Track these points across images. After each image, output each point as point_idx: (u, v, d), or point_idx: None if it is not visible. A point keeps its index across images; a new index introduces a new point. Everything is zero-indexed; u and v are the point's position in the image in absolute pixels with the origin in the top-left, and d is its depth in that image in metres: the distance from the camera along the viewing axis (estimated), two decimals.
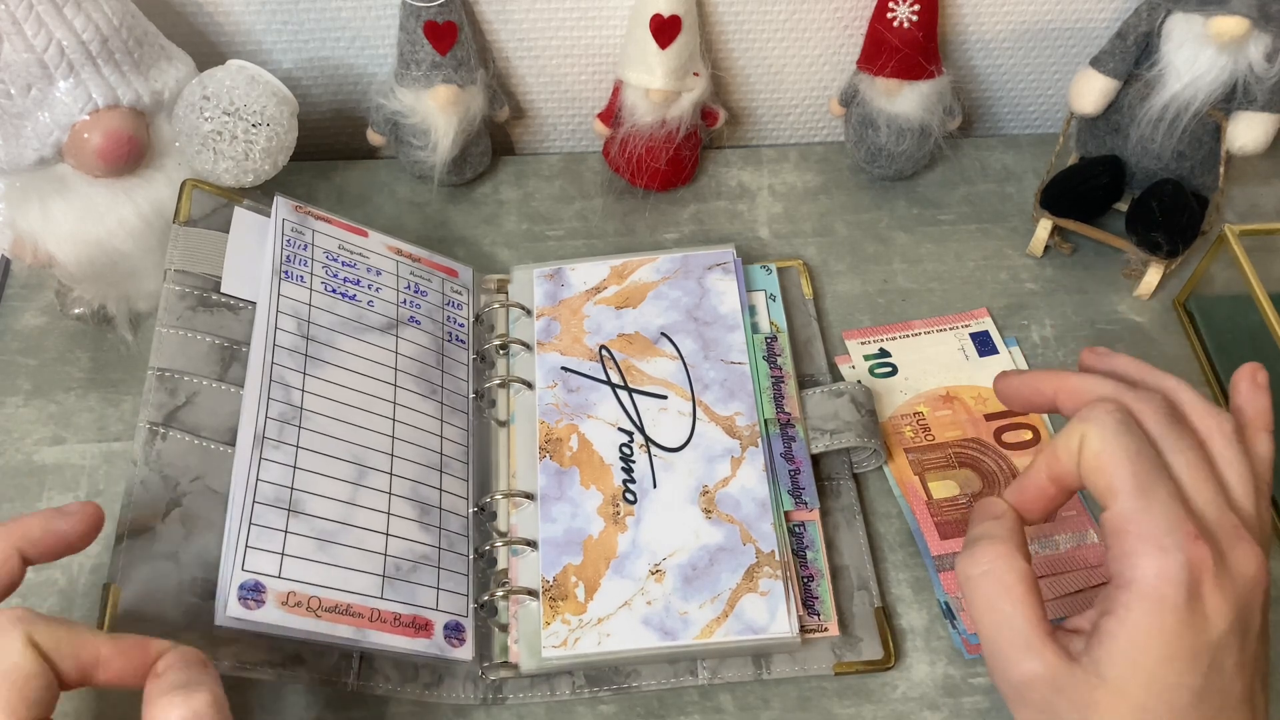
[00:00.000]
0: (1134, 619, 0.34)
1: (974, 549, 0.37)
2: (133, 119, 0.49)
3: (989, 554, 0.37)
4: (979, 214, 0.62)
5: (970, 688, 0.46)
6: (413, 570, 0.45)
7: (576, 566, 0.46)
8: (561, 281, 0.54)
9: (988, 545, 0.37)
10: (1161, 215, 0.55)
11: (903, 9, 0.56)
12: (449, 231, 0.61)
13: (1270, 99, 0.53)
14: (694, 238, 0.61)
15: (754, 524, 0.47)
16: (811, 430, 0.50)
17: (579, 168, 0.64)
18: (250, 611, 0.40)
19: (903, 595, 0.49)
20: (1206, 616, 0.34)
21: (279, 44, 0.60)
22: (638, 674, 0.46)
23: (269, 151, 0.50)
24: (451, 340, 0.52)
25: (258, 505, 0.42)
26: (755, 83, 0.65)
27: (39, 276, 0.56)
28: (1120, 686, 0.34)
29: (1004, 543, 0.37)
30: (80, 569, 0.48)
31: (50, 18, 0.46)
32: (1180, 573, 0.34)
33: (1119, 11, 0.62)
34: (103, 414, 0.53)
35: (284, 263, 0.48)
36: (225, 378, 0.46)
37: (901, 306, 0.58)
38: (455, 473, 0.49)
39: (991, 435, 0.53)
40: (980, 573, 0.37)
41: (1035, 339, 0.57)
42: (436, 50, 0.56)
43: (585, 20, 0.60)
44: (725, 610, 0.45)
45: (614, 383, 0.51)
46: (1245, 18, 0.51)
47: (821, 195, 0.63)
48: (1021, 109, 0.68)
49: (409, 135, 0.58)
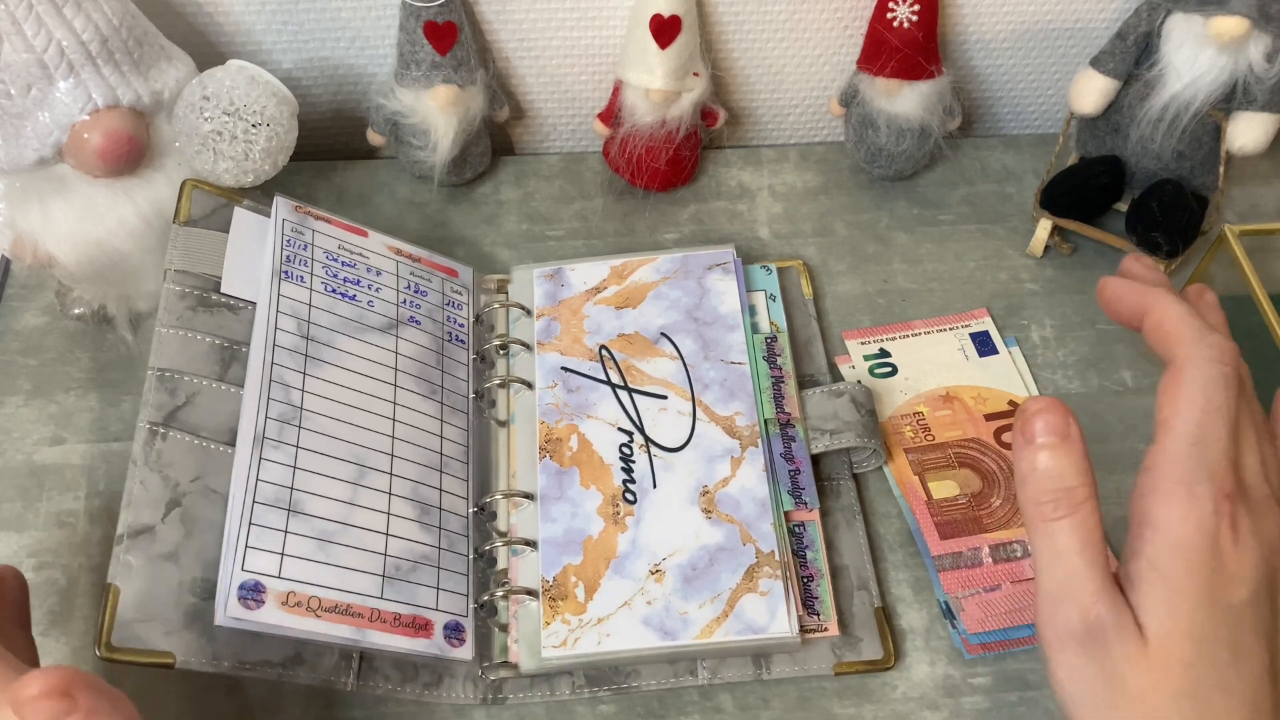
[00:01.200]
0: (1164, 561, 0.34)
1: (1059, 496, 0.36)
2: (133, 119, 0.49)
3: (1072, 500, 0.36)
4: (979, 214, 0.62)
5: (970, 688, 0.46)
6: (413, 570, 0.45)
7: (576, 566, 0.46)
8: (561, 281, 0.54)
9: (1074, 494, 0.36)
10: (1161, 215, 0.55)
11: (903, 9, 0.56)
12: (449, 231, 0.61)
13: (1270, 99, 0.53)
14: (694, 238, 0.61)
15: (754, 524, 0.47)
16: (811, 430, 0.50)
17: (579, 168, 0.64)
18: (250, 611, 0.40)
19: (903, 595, 0.49)
20: (1228, 570, 0.34)
21: (279, 44, 0.60)
22: (638, 674, 0.46)
23: (269, 151, 0.50)
24: (451, 340, 0.52)
25: (258, 505, 0.42)
26: (755, 83, 0.65)
27: (39, 276, 0.56)
28: (1165, 636, 0.34)
29: (1091, 499, 0.36)
30: (80, 569, 0.48)
31: (50, 18, 0.46)
32: (1206, 519, 0.34)
33: (1119, 11, 0.62)
34: (103, 414, 0.53)
35: (284, 263, 0.48)
36: (225, 378, 0.46)
37: (901, 306, 0.58)
38: (455, 473, 0.49)
39: (991, 435, 0.53)
40: (1061, 517, 0.36)
41: (1035, 339, 0.57)
42: (436, 50, 0.56)
43: (585, 20, 0.60)
44: (725, 610, 0.45)
45: (614, 383, 0.51)
46: (1245, 18, 0.51)
47: (821, 195, 0.63)
48: (1021, 109, 0.68)
49: (409, 135, 0.58)
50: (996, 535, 0.49)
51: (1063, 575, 0.35)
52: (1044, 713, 0.46)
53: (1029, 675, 0.46)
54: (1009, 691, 0.46)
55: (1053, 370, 0.55)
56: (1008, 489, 0.51)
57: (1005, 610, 0.47)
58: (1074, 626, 0.35)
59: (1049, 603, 0.36)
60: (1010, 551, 0.49)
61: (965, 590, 0.48)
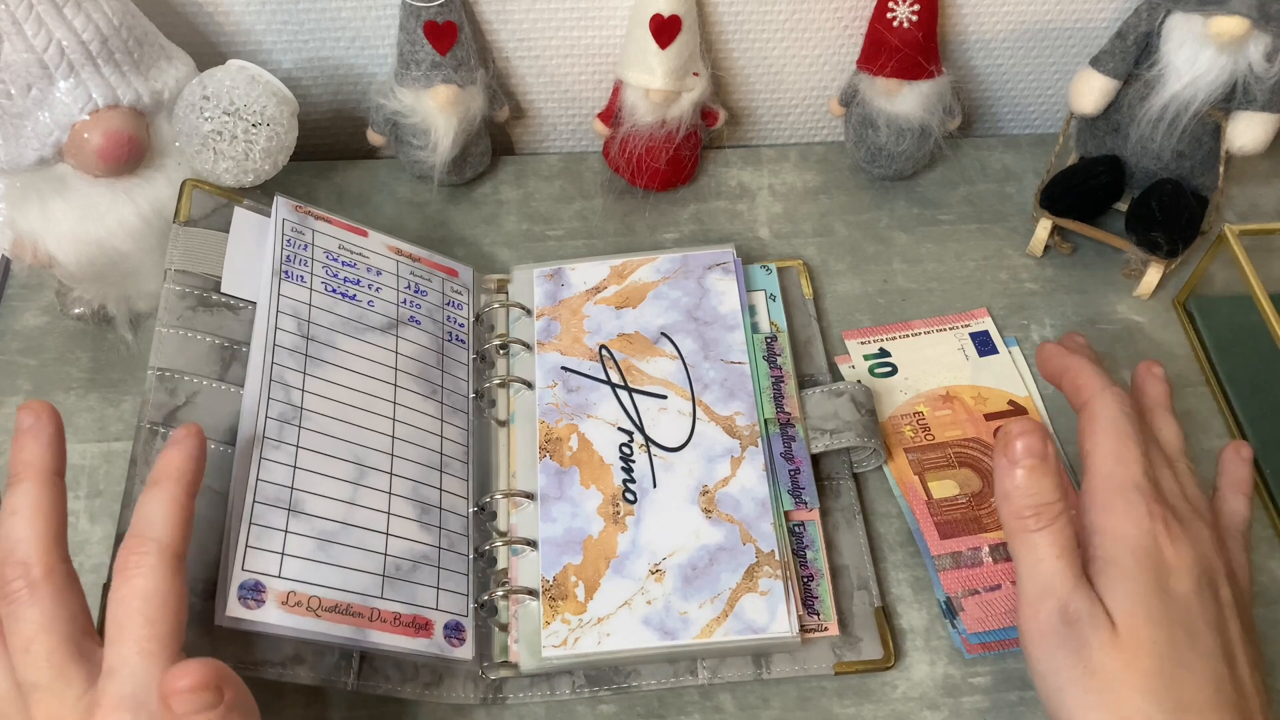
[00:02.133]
0: (1116, 556, 0.39)
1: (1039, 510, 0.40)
2: (133, 119, 0.49)
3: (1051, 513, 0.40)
4: (979, 214, 0.62)
5: (970, 687, 0.46)
6: (413, 570, 0.45)
7: (576, 566, 0.46)
8: (561, 281, 0.54)
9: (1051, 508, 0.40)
10: (1161, 215, 0.55)
11: (903, 9, 0.56)
12: (449, 231, 0.61)
13: (1270, 99, 0.53)
14: (694, 238, 0.61)
15: (754, 524, 0.47)
16: (811, 430, 0.50)
17: (579, 168, 0.64)
18: (250, 611, 0.40)
19: (903, 595, 0.49)
20: (1169, 563, 0.39)
21: (279, 44, 0.60)
22: (638, 674, 0.46)
23: (269, 151, 0.51)
24: (451, 340, 0.52)
25: (258, 505, 0.42)
26: (755, 83, 0.65)
27: (39, 276, 0.56)
28: (1130, 618, 0.38)
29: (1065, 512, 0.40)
30: (80, 569, 0.47)
31: (50, 18, 0.46)
32: (1144, 520, 0.39)
33: (1119, 11, 0.62)
34: (103, 414, 0.53)
35: (284, 263, 0.48)
36: (225, 378, 0.46)
37: (901, 306, 0.58)
38: (455, 472, 0.49)
39: (991, 435, 0.52)
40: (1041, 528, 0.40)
41: (1035, 339, 0.57)
42: (436, 50, 0.56)
43: (585, 20, 0.60)
44: (725, 610, 0.45)
45: (614, 382, 0.51)
46: (1245, 18, 0.51)
47: (821, 195, 0.63)
48: (1021, 109, 0.68)
49: (409, 135, 0.58)
50: (996, 535, 0.49)
51: (1042, 578, 0.39)
52: (1044, 713, 0.46)
53: (1029, 675, 0.46)
54: (1009, 691, 0.46)
55: None
56: None
57: (1005, 610, 0.47)
58: (1054, 621, 0.39)
59: (1031, 604, 0.40)
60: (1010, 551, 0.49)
61: (965, 590, 0.48)
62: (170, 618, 0.36)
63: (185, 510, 0.38)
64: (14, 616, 0.36)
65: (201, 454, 0.40)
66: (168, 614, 0.36)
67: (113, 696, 0.34)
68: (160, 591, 0.36)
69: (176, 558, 0.37)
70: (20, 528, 0.37)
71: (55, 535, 0.37)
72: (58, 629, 0.36)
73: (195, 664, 0.34)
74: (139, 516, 0.37)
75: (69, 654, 0.36)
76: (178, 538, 0.37)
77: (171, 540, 0.37)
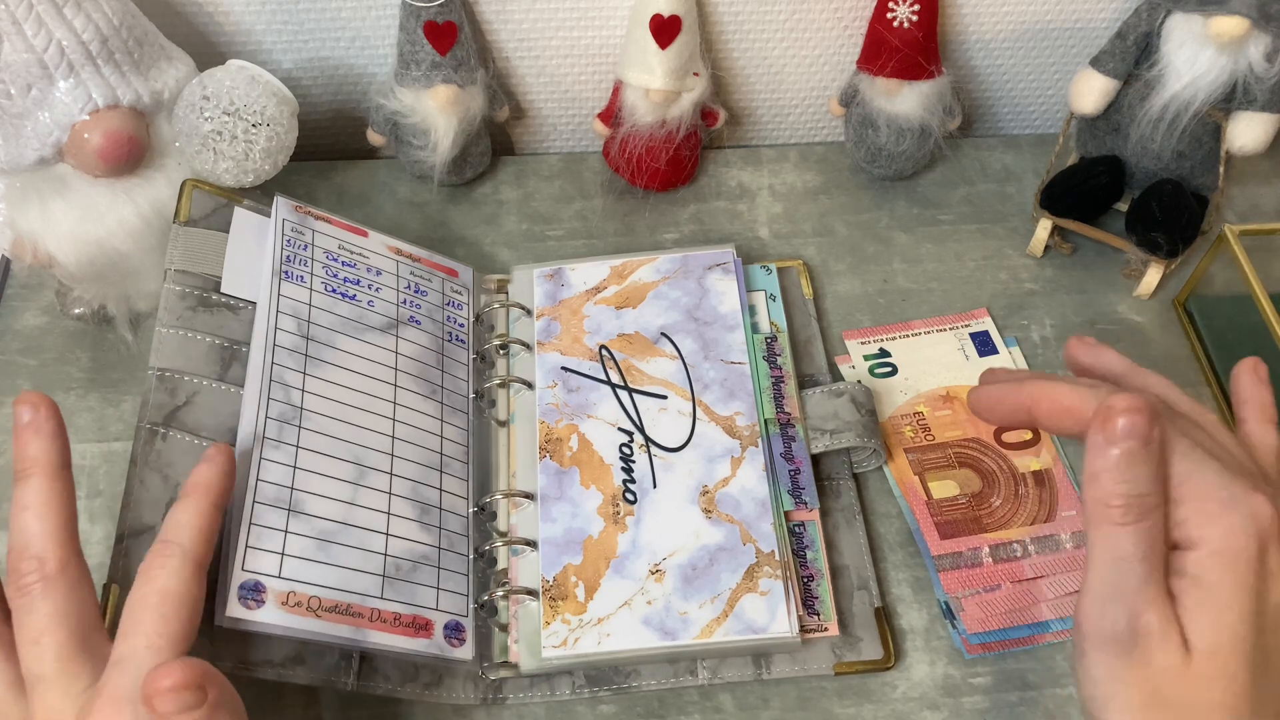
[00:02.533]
0: (1213, 579, 0.34)
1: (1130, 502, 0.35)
2: (133, 119, 0.49)
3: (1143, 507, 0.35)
4: (979, 214, 0.62)
5: (970, 688, 0.46)
6: (413, 570, 0.45)
7: (576, 566, 0.46)
8: (561, 281, 0.54)
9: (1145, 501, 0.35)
10: (1161, 215, 0.55)
11: (903, 9, 0.56)
12: (449, 231, 0.61)
13: (1270, 99, 0.53)
14: (694, 238, 0.61)
15: (754, 524, 0.47)
16: (811, 430, 0.50)
17: (579, 168, 0.64)
18: (250, 611, 0.40)
19: (903, 595, 0.49)
20: (1272, 572, 0.34)
21: (279, 44, 0.60)
22: (638, 674, 0.46)
23: (269, 151, 0.51)
24: (451, 340, 0.52)
25: (258, 505, 0.42)
26: (755, 83, 0.65)
27: (39, 276, 0.56)
28: (1210, 651, 0.34)
29: (1160, 507, 0.35)
30: None
31: (50, 18, 0.46)
32: (1248, 524, 0.34)
33: (1119, 11, 0.62)
34: (103, 414, 0.53)
35: (284, 263, 0.48)
36: (225, 378, 0.46)
37: (901, 306, 0.58)
38: (455, 473, 0.49)
39: (991, 435, 0.53)
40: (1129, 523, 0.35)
41: (1035, 339, 0.57)
42: (436, 50, 0.56)
43: (585, 20, 0.60)
44: (725, 610, 0.45)
45: (614, 383, 0.51)
46: (1245, 18, 0.51)
47: (821, 195, 0.63)
48: (1021, 109, 0.68)
49: (409, 135, 0.58)
50: (996, 535, 0.49)
51: (1119, 579, 0.34)
52: (1044, 713, 0.46)
53: (1029, 675, 0.46)
54: (1009, 691, 0.46)
55: (1053, 370, 0.55)
56: (1007, 489, 0.51)
57: (1005, 610, 0.47)
58: (1119, 630, 0.34)
59: (1097, 603, 0.35)
60: (1010, 551, 0.49)
61: (965, 590, 0.48)
62: (185, 618, 0.36)
63: (212, 522, 0.39)
64: (26, 609, 0.36)
65: (232, 470, 0.41)
66: (183, 614, 0.36)
67: (113, 689, 0.35)
68: (178, 592, 0.37)
69: (198, 565, 0.38)
70: (33, 522, 0.37)
71: (68, 529, 0.38)
72: (69, 623, 0.36)
73: (178, 664, 0.34)
74: (168, 523, 0.38)
75: (77, 648, 0.36)
76: (201, 546, 0.38)
77: (195, 547, 0.38)
